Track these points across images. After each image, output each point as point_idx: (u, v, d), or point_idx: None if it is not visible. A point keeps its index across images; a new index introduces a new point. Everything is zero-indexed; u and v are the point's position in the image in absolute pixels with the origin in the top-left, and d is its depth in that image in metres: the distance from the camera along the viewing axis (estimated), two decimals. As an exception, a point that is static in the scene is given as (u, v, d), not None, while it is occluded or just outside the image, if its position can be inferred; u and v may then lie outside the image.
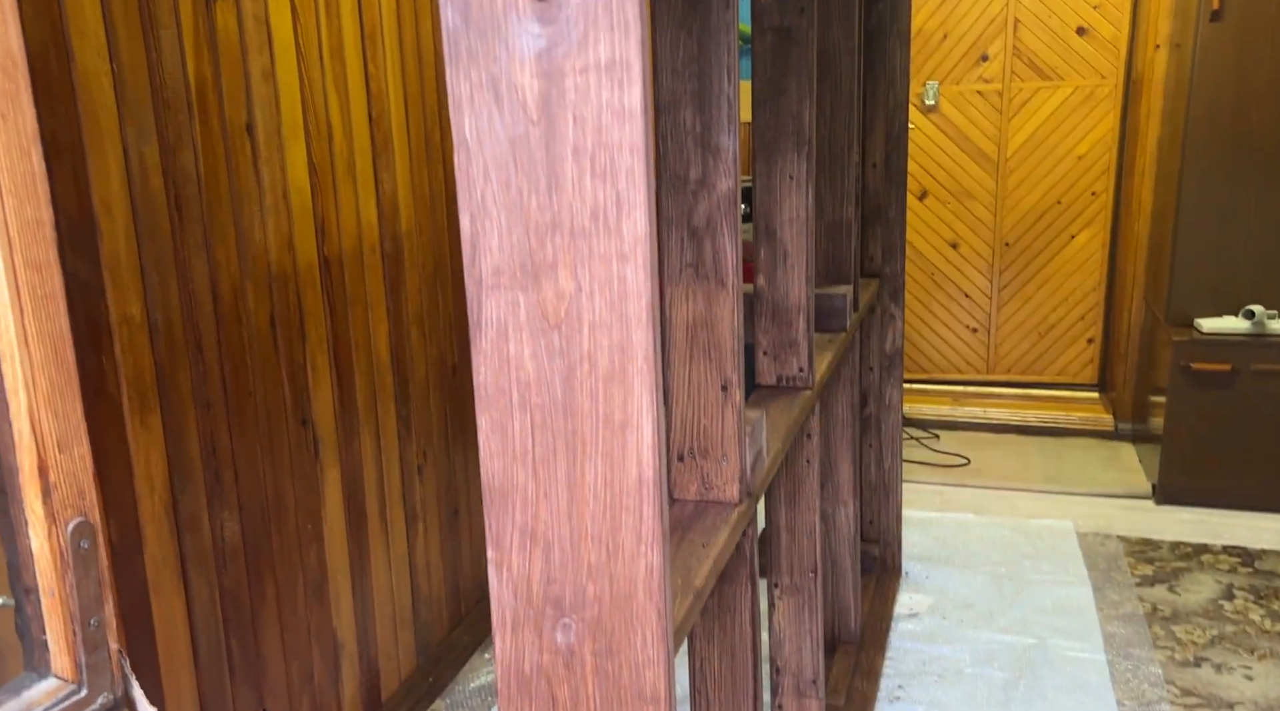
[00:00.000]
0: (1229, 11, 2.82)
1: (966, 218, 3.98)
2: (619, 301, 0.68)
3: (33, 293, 0.53)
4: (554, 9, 0.63)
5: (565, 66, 0.64)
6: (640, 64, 0.63)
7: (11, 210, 0.52)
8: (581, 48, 0.63)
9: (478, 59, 0.65)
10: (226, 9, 1.46)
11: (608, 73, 0.63)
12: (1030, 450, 3.62)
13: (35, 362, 0.53)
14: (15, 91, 0.52)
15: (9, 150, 0.52)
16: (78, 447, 0.56)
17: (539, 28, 0.63)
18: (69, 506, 0.55)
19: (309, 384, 1.71)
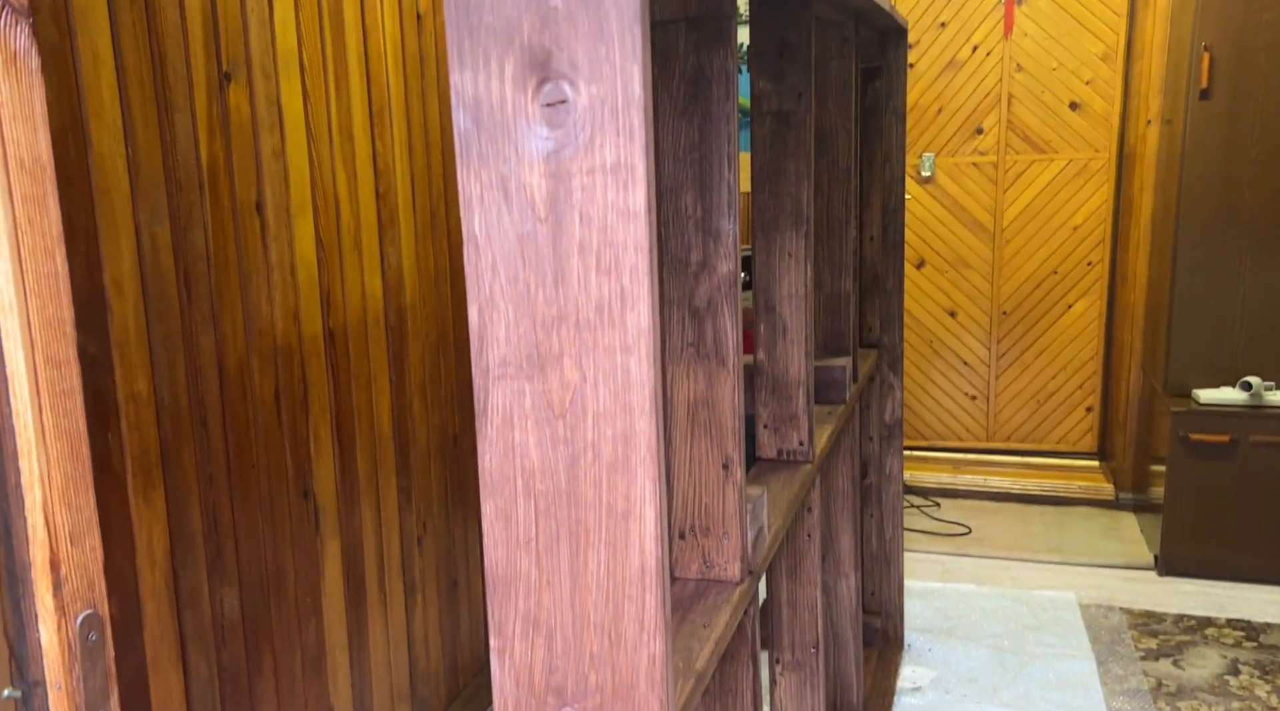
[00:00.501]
0: (1217, 90, 2.88)
1: (964, 286, 4.02)
2: (623, 392, 0.69)
3: (51, 389, 0.55)
4: (562, 114, 0.65)
5: (572, 168, 0.66)
6: (644, 166, 0.66)
7: (35, 309, 0.54)
8: (588, 151, 0.65)
9: (488, 160, 0.67)
10: (239, 91, 1.50)
11: (613, 174, 0.66)
12: (1032, 519, 3.61)
13: (51, 458, 0.55)
14: (42, 196, 0.54)
15: (34, 252, 0.54)
16: (89, 539, 0.57)
17: (547, 131, 0.66)
18: (79, 598, 0.56)
19: (311, 455, 1.72)
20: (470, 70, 0.65)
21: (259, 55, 1.54)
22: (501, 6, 0.64)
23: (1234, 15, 2.84)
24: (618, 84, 0.64)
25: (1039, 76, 3.77)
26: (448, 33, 0.65)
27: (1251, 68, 2.85)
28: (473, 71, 0.66)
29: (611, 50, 0.63)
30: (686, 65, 1.07)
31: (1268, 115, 2.86)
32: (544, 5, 0.63)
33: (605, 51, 0.63)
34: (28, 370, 0.55)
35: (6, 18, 0.53)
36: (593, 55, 0.63)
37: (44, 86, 0.54)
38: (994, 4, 3.77)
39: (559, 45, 0.64)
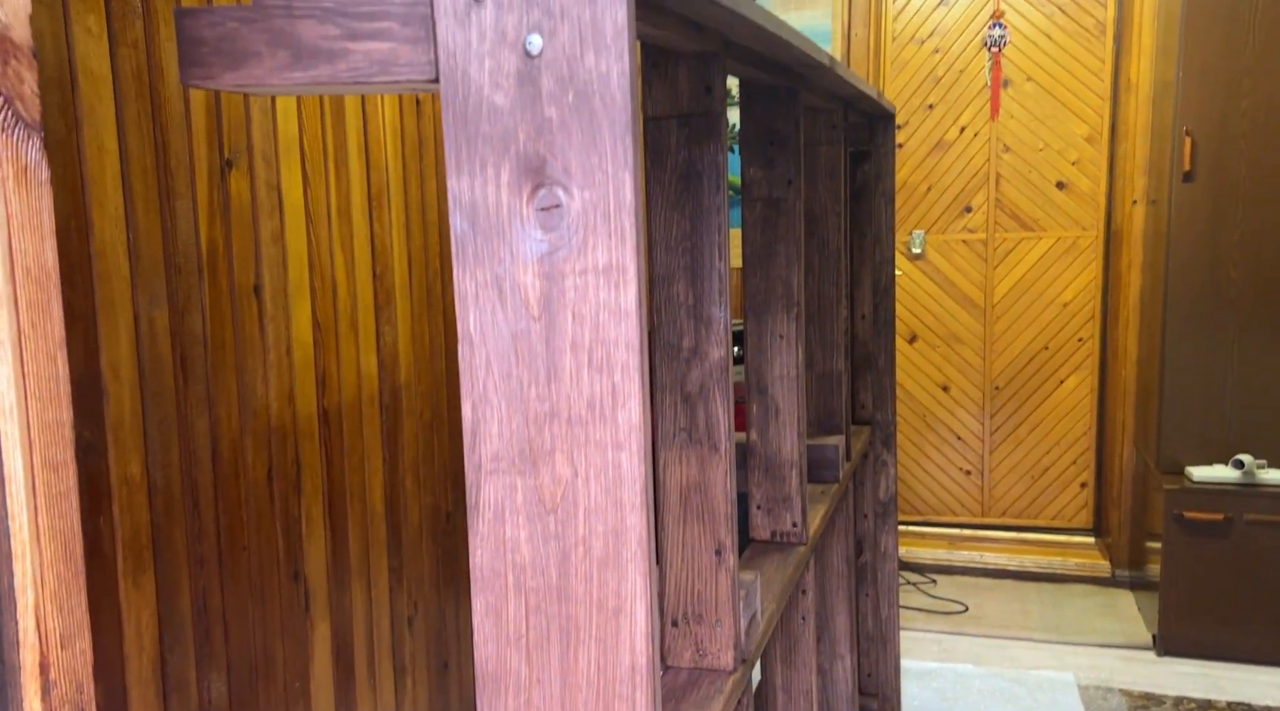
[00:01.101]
0: (1200, 173, 2.95)
1: (956, 361, 4.05)
2: (614, 487, 0.70)
3: (48, 491, 0.55)
4: (556, 218, 0.67)
5: (565, 269, 0.68)
6: (635, 267, 0.67)
7: (35, 413, 0.55)
8: (581, 252, 0.67)
9: (484, 261, 0.69)
10: (240, 177, 1.53)
11: (605, 275, 0.67)
12: (1028, 597, 3.58)
13: (45, 560, 0.55)
14: (47, 301, 0.55)
15: (37, 356, 0.55)
16: (80, 642, 0.57)
17: (542, 234, 0.67)
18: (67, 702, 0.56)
19: (303, 536, 1.71)
20: (467, 176, 0.68)
21: (261, 142, 1.57)
22: (498, 116, 0.66)
23: (1214, 101, 2.91)
24: (610, 190, 0.66)
25: (1026, 157, 3.84)
26: (445, 141, 0.67)
27: (1233, 152, 2.91)
28: (469, 177, 0.68)
29: (604, 159, 0.65)
30: (678, 159, 1.09)
31: (1250, 198, 2.92)
32: (539, 116, 0.65)
33: (598, 159, 0.65)
34: (25, 473, 0.56)
35: (19, 132, 0.55)
36: (586, 163, 0.65)
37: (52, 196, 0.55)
38: (980, 87, 3.86)
39: (553, 153, 0.66)
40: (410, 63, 0.67)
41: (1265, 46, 2.87)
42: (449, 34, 0.65)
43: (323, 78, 0.67)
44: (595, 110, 0.65)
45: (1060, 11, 3.72)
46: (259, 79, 0.68)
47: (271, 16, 0.66)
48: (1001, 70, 3.83)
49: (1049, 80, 3.77)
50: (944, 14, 3.87)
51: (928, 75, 3.92)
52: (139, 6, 1.29)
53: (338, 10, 0.66)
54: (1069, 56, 3.73)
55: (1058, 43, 3.73)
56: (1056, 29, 3.73)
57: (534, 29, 0.64)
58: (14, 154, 0.54)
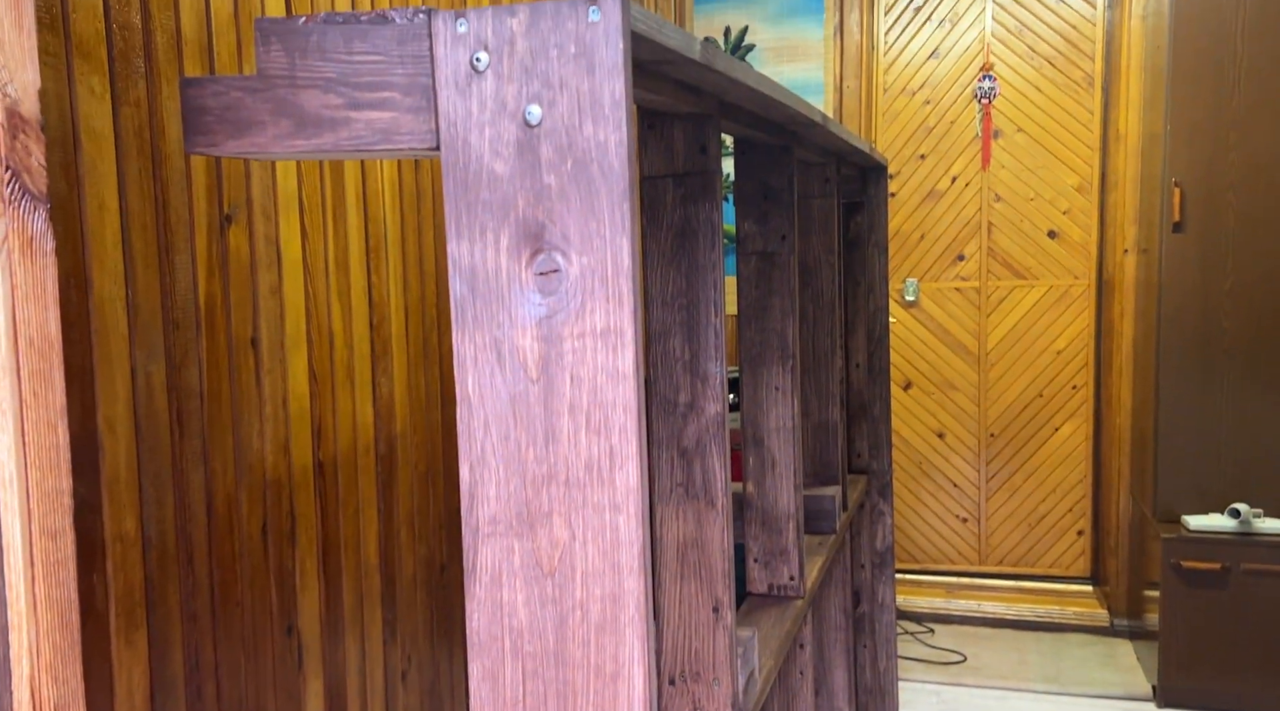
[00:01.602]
0: (1190, 223, 2.98)
1: (951, 408, 4.05)
2: (611, 550, 0.70)
3: (45, 560, 0.55)
4: (554, 282, 0.68)
5: (564, 332, 0.68)
6: (633, 330, 0.68)
7: (34, 482, 0.55)
8: (579, 316, 0.68)
9: (483, 324, 0.69)
10: (239, 232, 1.54)
11: (603, 339, 0.68)
12: (1027, 646, 3.55)
13: (42, 630, 0.55)
14: (48, 371, 0.56)
15: (37, 425, 0.55)
16: (74, 709, 0.57)
17: (540, 298, 0.68)
18: (60, 772, 0.56)
19: (296, 590, 1.70)
20: (467, 241, 0.68)
21: (260, 197, 1.59)
22: (498, 184, 0.67)
23: (1201, 153, 2.95)
24: (608, 255, 0.67)
25: (1017, 206, 3.88)
26: (446, 207, 0.68)
27: (1221, 203, 2.95)
28: (469, 242, 0.68)
29: (602, 225, 0.66)
30: (674, 217, 1.11)
31: (1240, 249, 2.95)
32: (538, 183, 0.66)
33: (596, 226, 0.66)
34: (23, 542, 0.56)
35: (25, 205, 0.55)
36: (584, 229, 0.66)
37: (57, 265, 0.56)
38: (971, 138, 3.91)
39: (552, 219, 0.67)
40: (412, 131, 0.68)
41: (1251, 100, 2.92)
42: (450, 103, 0.67)
43: (325, 146, 0.68)
44: (593, 178, 0.66)
45: (1049, 64, 3.78)
46: (262, 147, 0.69)
47: (275, 86, 0.67)
48: (992, 121, 3.88)
49: (1039, 131, 3.82)
50: (935, 66, 3.93)
51: (919, 126, 3.97)
52: (142, 67, 1.31)
53: (340, 80, 0.68)
54: (1059, 108, 3.78)
55: (1047, 94, 3.79)
56: (1046, 81, 3.79)
57: (534, 99, 0.65)
58: (20, 226, 0.54)
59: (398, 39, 0.66)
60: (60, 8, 1.18)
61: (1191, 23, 2.95)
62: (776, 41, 3.96)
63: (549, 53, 0.65)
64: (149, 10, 1.32)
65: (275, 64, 0.67)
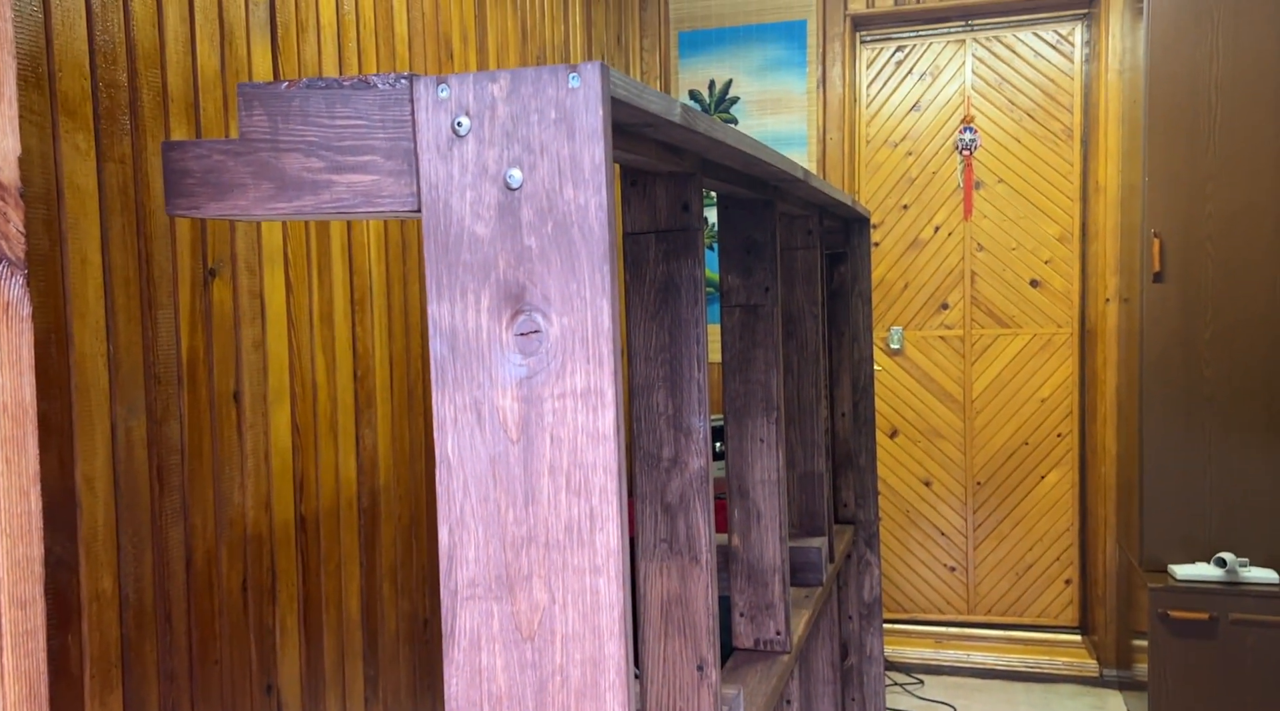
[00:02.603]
0: (1170, 273, 3.01)
1: (937, 456, 4.05)
2: (592, 613, 0.69)
3: (14, 630, 0.54)
4: (534, 343, 0.68)
5: (544, 393, 0.68)
6: (613, 391, 0.68)
7: (4, 550, 0.54)
8: (559, 377, 0.68)
9: (463, 385, 0.69)
10: (223, 286, 1.54)
11: (583, 399, 0.68)
12: (1017, 698, 3.52)
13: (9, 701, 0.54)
14: (22, 437, 0.55)
15: (8, 493, 0.55)
16: (41, 785, 0.55)
17: (520, 358, 0.68)
18: None
19: (276, 647, 1.67)
20: (448, 302, 0.68)
21: (244, 251, 1.59)
22: (479, 246, 0.67)
23: (1179, 204, 2.99)
24: (588, 316, 0.67)
25: (999, 255, 3.92)
26: (427, 267, 0.68)
27: (1200, 253, 2.99)
28: (450, 303, 0.69)
29: (582, 286, 0.66)
30: (657, 273, 1.11)
31: (1220, 298, 2.98)
32: (519, 245, 0.67)
33: (576, 287, 0.66)
34: (-8, 610, 0.55)
35: (2, 270, 0.55)
36: (564, 290, 0.67)
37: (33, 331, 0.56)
38: (953, 188, 3.96)
39: (532, 281, 0.67)
40: (393, 194, 0.68)
41: (1226, 152, 2.97)
42: (431, 167, 0.67)
43: (306, 208, 0.69)
44: (574, 240, 0.66)
45: (1029, 117, 3.84)
46: (243, 209, 0.69)
47: (257, 150, 0.68)
48: (973, 172, 3.93)
49: (1020, 182, 3.87)
50: (916, 119, 3.99)
51: (902, 176, 4.02)
52: (127, 124, 1.32)
53: (322, 144, 0.68)
54: (1039, 159, 3.84)
55: (1027, 146, 3.85)
56: (1026, 133, 3.84)
57: (514, 163, 0.66)
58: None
59: (380, 104, 0.67)
60: (46, 66, 1.19)
61: (1167, 77, 3.01)
62: (760, 94, 4.01)
63: (530, 117, 0.65)
64: (135, 68, 1.33)
65: (257, 128, 0.67)
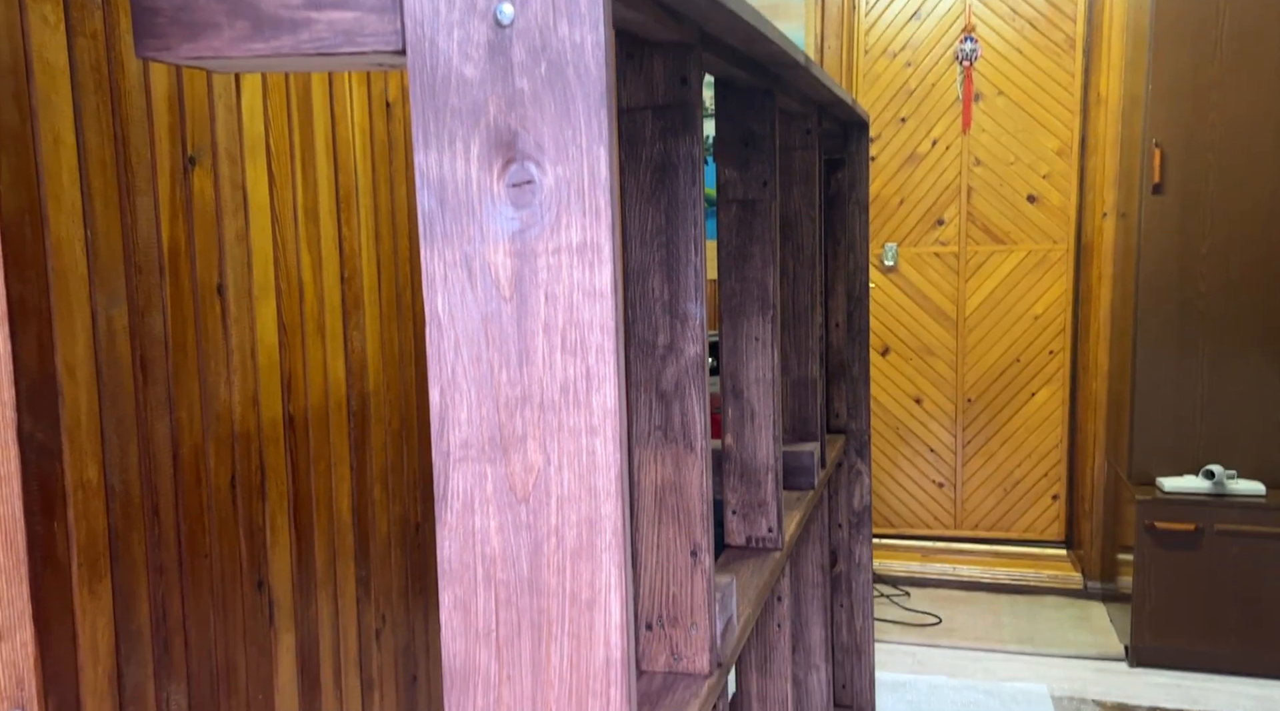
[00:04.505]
0: (1169, 185, 2.97)
1: (929, 374, 4.05)
2: (588, 475, 0.67)
3: (-13, 472, 0.52)
4: (528, 194, 0.65)
5: (538, 248, 0.65)
6: (611, 246, 0.65)
7: (-27, 389, 0.52)
8: (554, 230, 0.65)
9: (452, 240, 0.66)
10: (204, 175, 1.49)
11: (579, 254, 0.65)
12: (1001, 609, 3.57)
13: (-17, 545, 0.52)
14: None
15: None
16: (20, 634, 0.54)
17: (513, 211, 0.65)
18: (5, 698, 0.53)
19: (267, 545, 1.66)
20: (435, 151, 0.65)
21: (225, 140, 1.54)
22: (467, 88, 0.63)
23: (1182, 115, 2.94)
24: (584, 165, 0.64)
25: (996, 170, 3.86)
26: (413, 114, 0.65)
27: (1201, 165, 2.94)
28: (438, 152, 0.65)
29: (578, 133, 0.63)
30: (653, 151, 1.07)
31: (1218, 210, 2.95)
32: (510, 87, 0.63)
33: (571, 133, 0.63)
34: (-38, 452, 0.52)
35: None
36: (559, 137, 0.63)
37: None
38: (952, 101, 3.89)
39: (525, 127, 0.64)
40: (376, 33, 0.64)
41: (1232, 61, 2.90)
42: (416, 2, 0.63)
43: (284, 48, 0.65)
44: (569, 82, 0.63)
45: (1031, 26, 3.75)
46: (217, 50, 0.65)
47: (232, -17, 0.64)
48: (973, 84, 3.85)
49: (1020, 94, 3.79)
50: (916, 27, 3.90)
51: (900, 88, 3.94)
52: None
53: (301, -22, 0.64)
54: (1040, 71, 3.76)
55: (1028, 57, 3.77)
56: (1027, 43, 3.76)
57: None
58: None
59: (361, -68, 0.63)
60: (11, -70, 1.13)
61: (1174, -18, 2.93)
62: (757, 1, 3.91)
63: (522, -53, 0.61)
64: (106, -62, 1.27)
65: (231, -42, 0.63)
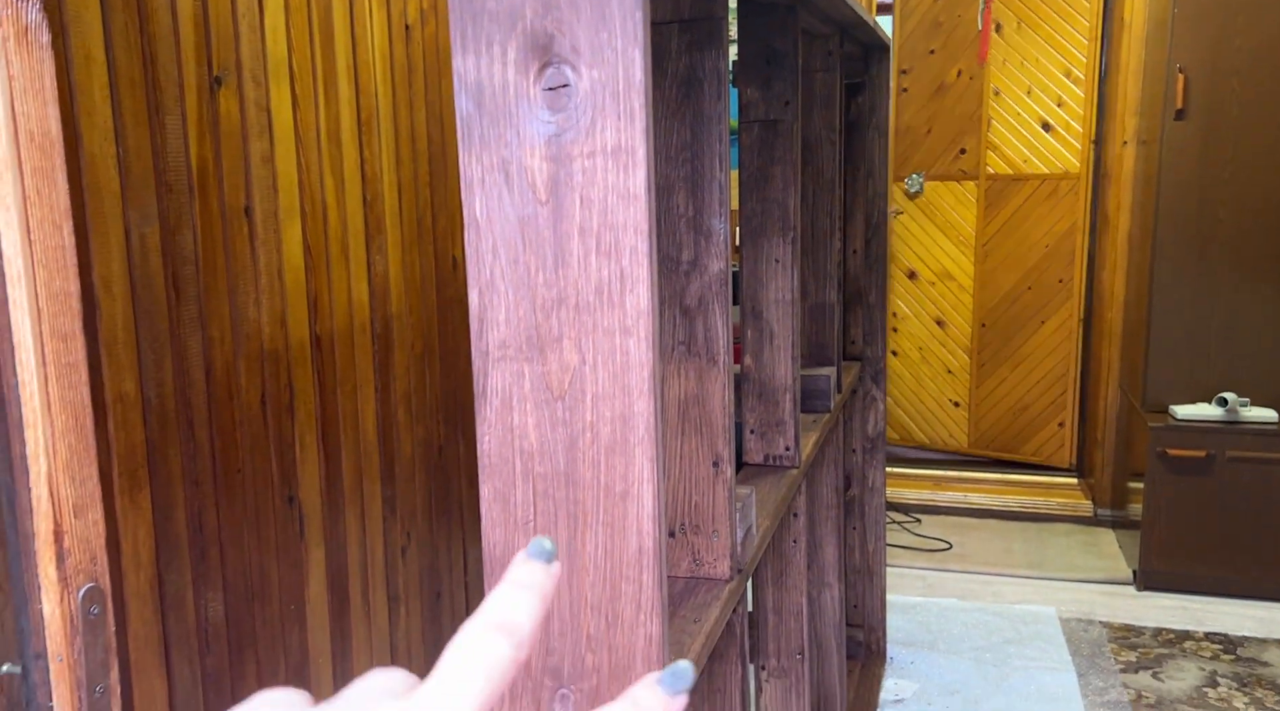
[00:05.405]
0: (1192, 111, 2.94)
1: (950, 298, 4.09)
2: (621, 373, 0.70)
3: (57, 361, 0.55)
4: (563, 98, 0.66)
5: (573, 151, 0.67)
6: (645, 149, 0.67)
7: (42, 282, 0.54)
8: (589, 134, 0.66)
9: (490, 143, 0.68)
10: (229, 96, 1.50)
11: (614, 157, 0.67)
12: (1012, 535, 3.63)
13: (56, 430, 0.55)
14: (51, 169, 0.54)
15: (42, 224, 0.54)
16: (92, 513, 0.57)
17: (549, 115, 0.67)
18: (81, 572, 0.56)
19: (297, 461, 1.71)
20: (473, 55, 0.66)
21: (249, 61, 1.55)
22: (506, -9, 0.65)
23: (1207, 39, 2.90)
24: (619, 68, 0.65)
25: (1014, 99, 3.83)
26: (450, 18, 0.66)
27: (1225, 89, 2.91)
28: (475, 56, 0.67)
29: (613, 35, 0.64)
30: (679, 66, 1.08)
31: (1241, 135, 2.92)
32: (547, -10, 0.64)
33: (607, 36, 0.64)
34: (34, 342, 0.55)
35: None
36: (594, 40, 0.65)
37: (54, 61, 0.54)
38: (975, 32, 3.83)
39: (561, 30, 0.65)
40: (416, -64, 0.65)
41: (1260, -18, 2.85)
42: (455, -94, 0.64)
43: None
44: (605, -15, 0.64)
45: (1054, -51, 3.68)
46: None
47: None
48: (992, 13, 3.79)
49: (1039, 24, 3.74)
50: (937, -49, 3.83)
51: (932, 21, 3.90)
52: (124, -88, 1.26)
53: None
54: None
55: (1051, -19, 3.70)
56: (1050, -33, 3.69)
57: (543, -101, 0.63)
58: (14, 14, 0.52)
59: None
60: None
61: (1204, -99, 2.86)
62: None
63: None
64: None
65: None
